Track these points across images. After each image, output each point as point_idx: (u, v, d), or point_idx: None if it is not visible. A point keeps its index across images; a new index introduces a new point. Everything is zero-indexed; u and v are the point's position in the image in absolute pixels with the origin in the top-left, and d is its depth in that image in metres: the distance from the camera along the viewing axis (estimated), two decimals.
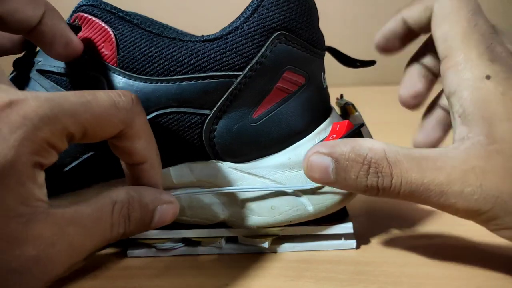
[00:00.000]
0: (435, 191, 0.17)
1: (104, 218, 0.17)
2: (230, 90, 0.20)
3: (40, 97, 0.15)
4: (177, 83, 0.20)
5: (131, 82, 0.20)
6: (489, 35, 0.19)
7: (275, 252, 0.23)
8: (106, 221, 0.17)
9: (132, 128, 0.17)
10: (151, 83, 0.20)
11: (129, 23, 0.20)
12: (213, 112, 0.21)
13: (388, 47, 0.23)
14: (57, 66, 0.21)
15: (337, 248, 0.23)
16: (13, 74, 0.23)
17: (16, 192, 0.14)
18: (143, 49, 0.20)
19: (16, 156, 0.14)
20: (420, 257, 0.22)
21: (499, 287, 0.19)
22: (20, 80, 0.22)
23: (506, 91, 0.17)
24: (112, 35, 0.20)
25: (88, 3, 0.21)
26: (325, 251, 0.23)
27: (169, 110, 0.20)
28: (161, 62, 0.20)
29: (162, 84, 0.20)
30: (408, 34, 0.22)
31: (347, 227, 0.23)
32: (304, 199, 0.22)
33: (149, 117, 0.20)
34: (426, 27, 0.21)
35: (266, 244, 0.23)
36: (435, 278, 0.20)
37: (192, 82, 0.20)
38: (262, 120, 0.21)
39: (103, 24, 0.21)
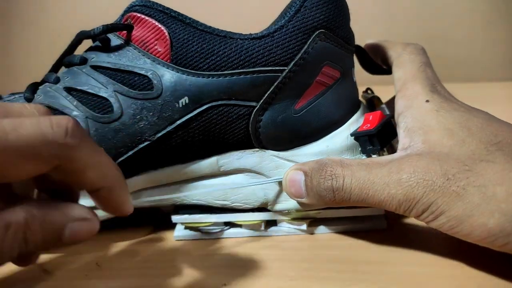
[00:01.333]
0: (380, 183, 0.20)
1: None
2: (275, 83, 0.22)
3: None
4: (227, 78, 0.22)
5: (184, 76, 0.22)
6: (433, 78, 0.24)
7: (312, 233, 0.25)
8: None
9: (71, 162, 0.15)
10: (204, 77, 0.22)
11: (181, 22, 0.22)
12: (259, 104, 0.22)
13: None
14: (111, 62, 0.23)
15: (368, 229, 0.25)
16: (65, 70, 0.25)
17: None
18: (196, 46, 0.22)
19: None
20: (420, 257, 0.22)
21: (499, 287, 0.19)
22: (73, 75, 0.24)
23: (439, 109, 0.21)
24: (166, 34, 0.22)
25: (141, 3, 0.23)
26: (325, 251, 0.23)
27: (219, 102, 0.22)
28: (213, 58, 0.22)
29: (214, 79, 0.22)
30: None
31: (378, 210, 0.25)
32: None
33: (201, 109, 0.22)
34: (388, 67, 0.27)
35: (304, 227, 0.25)
36: (435, 278, 0.20)
37: (241, 76, 0.22)
38: (303, 111, 0.23)
39: (157, 23, 0.22)
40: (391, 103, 0.27)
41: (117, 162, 0.23)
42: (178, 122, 0.22)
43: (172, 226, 0.26)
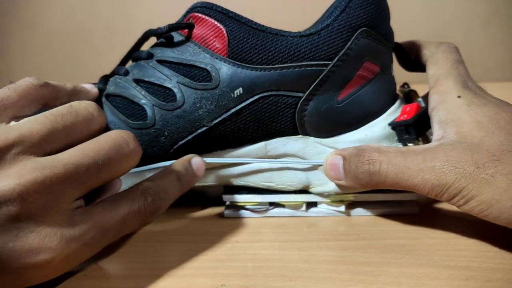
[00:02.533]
0: (415, 169, 0.21)
1: (131, 195, 0.21)
2: (320, 76, 0.25)
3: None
4: (277, 71, 0.25)
5: (239, 70, 0.25)
6: (465, 75, 0.25)
7: (349, 215, 0.27)
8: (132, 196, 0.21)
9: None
10: (256, 71, 0.25)
11: (238, 22, 0.25)
12: (305, 95, 0.25)
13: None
14: (174, 56, 0.26)
15: (402, 213, 0.27)
16: (133, 64, 0.28)
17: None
18: (250, 43, 0.25)
19: None
20: (420, 258, 0.22)
21: (499, 287, 0.19)
22: (141, 68, 0.27)
23: (470, 104, 0.23)
24: (224, 32, 0.25)
25: (202, 5, 0.26)
26: (326, 251, 0.23)
27: (270, 93, 0.25)
28: (266, 53, 0.24)
29: (266, 72, 0.25)
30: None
31: (411, 195, 0.27)
32: None
33: (253, 99, 0.25)
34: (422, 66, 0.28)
35: (342, 208, 0.27)
36: (434, 278, 0.20)
37: (290, 70, 0.24)
38: (345, 102, 0.25)
39: (216, 23, 0.25)
40: (426, 97, 0.29)
41: (178, 144, 0.26)
42: (233, 110, 0.25)
43: (170, 224, 0.27)
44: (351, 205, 0.27)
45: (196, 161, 0.25)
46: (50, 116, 0.20)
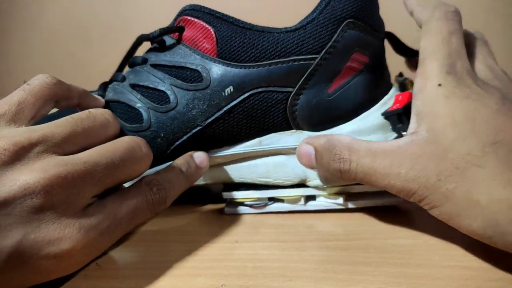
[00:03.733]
0: (382, 173, 0.21)
1: (137, 187, 0.22)
2: (309, 70, 0.25)
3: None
4: (266, 67, 0.25)
5: (228, 69, 0.25)
6: (455, 52, 0.22)
7: (347, 207, 0.27)
8: (138, 187, 0.22)
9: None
10: (245, 68, 0.25)
11: (225, 22, 0.25)
12: (295, 89, 0.25)
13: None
14: (167, 60, 0.27)
15: (398, 203, 0.27)
16: (129, 70, 0.29)
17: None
18: (238, 41, 0.25)
19: None
20: (420, 258, 0.22)
21: (499, 287, 0.19)
22: (136, 73, 0.28)
23: (450, 95, 0.21)
24: (212, 32, 0.25)
25: (191, 8, 0.26)
26: (326, 251, 0.23)
27: (259, 89, 0.25)
28: (253, 51, 0.25)
29: (254, 69, 0.25)
30: None
31: None
32: None
33: (244, 96, 0.25)
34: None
35: (340, 201, 0.27)
36: (434, 278, 0.20)
37: (278, 65, 0.25)
38: (336, 94, 0.26)
39: (204, 24, 0.26)
40: None
41: (175, 145, 0.27)
42: (225, 108, 0.26)
43: (170, 224, 0.27)
44: (349, 197, 0.27)
45: (199, 154, 0.26)
46: (70, 120, 0.21)
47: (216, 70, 0.25)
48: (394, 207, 0.27)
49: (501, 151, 0.19)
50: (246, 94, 0.25)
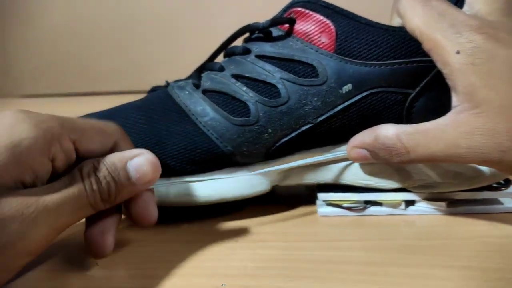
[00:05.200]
0: (441, 157, 0.21)
1: (75, 180, 0.19)
2: (433, 72, 0.24)
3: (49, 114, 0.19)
4: (389, 67, 0.24)
5: (347, 65, 0.24)
6: (445, 11, 0.21)
7: (450, 214, 0.27)
8: (78, 181, 0.19)
9: (123, 142, 0.21)
10: (366, 66, 0.24)
11: (345, 17, 0.24)
12: (416, 91, 0.24)
13: None
14: (275, 52, 0.25)
15: (504, 211, 0.26)
16: (226, 59, 0.28)
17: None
18: (360, 38, 0.24)
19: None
20: (421, 258, 0.22)
21: (499, 287, 0.19)
22: (237, 64, 0.26)
23: (475, 62, 0.20)
24: (332, 27, 0.24)
25: (304, 0, 0.25)
26: (326, 251, 0.23)
27: (379, 89, 0.24)
28: (376, 49, 0.24)
29: (376, 68, 0.24)
30: None
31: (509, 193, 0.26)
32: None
33: (362, 95, 0.24)
34: None
35: (443, 206, 0.27)
36: (435, 279, 0.20)
37: (402, 66, 0.24)
38: None
39: (323, 18, 0.25)
40: None
41: (281, 142, 0.25)
42: (340, 107, 0.25)
43: (170, 224, 0.26)
44: (451, 203, 0.27)
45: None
46: None
47: (334, 66, 0.24)
48: None
49: None
50: (365, 93, 0.24)
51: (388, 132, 0.23)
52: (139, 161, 0.20)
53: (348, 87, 0.24)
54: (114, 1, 0.63)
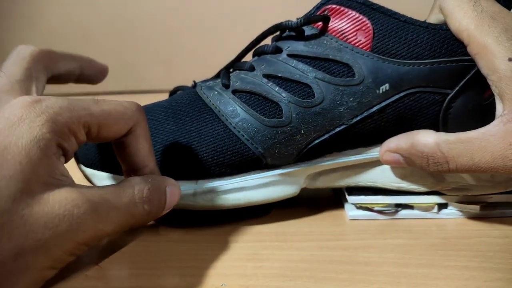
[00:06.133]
0: (485, 168, 0.21)
1: (126, 195, 0.19)
2: (472, 72, 0.23)
3: (59, 97, 0.18)
4: (428, 66, 0.23)
5: (385, 65, 0.23)
6: (497, 14, 0.20)
7: (485, 217, 0.26)
8: (128, 197, 0.19)
9: (140, 126, 0.20)
10: (404, 65, 0.23)
11: (383, 14, 0.24)
12: (454, 91, 0.24)
13: None
14: (308, 51, 0.25)
15: None
16: (256, 58, 0.27)
17: (44, 163, 0.17)
18: (398, 36, 0.23)
19: (42, 133, 0.17)
20: (420, 258, 0.22)
21: (499, 287, 0.19)
22: (268, 63, 0.25)
23: None
24: (370, 24, 0.24)
25: None
26: (324, 252, 0.23)
27: (417, 89, 0.24)
28: (416, 47, 0.23)
29: (415, 67, 0.23)
30: None
31: None
32: None
33: (399, 95, 0.24)
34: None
35: (477, 209, 0.26)
36: (434, 278, 0.20)
37: (441, 65, 0.23)
38: (491, 99, 0.24)
39: (360, 15, 0.24)
40: None
41: (313, 144, 0.25)
42: (376, 107, 0.24)
43: (170, 224, 0.26)
44: (485, 207, 0.26)
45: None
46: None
47: (371, 65, 0.24)
48: None
49: None
50: (403, 93, 0.24)
51: (427, 140, 0.22)
52: (174, 190, 0.21)
53: (385, 87, 0.23)
54: (114, 3, 0.63)
